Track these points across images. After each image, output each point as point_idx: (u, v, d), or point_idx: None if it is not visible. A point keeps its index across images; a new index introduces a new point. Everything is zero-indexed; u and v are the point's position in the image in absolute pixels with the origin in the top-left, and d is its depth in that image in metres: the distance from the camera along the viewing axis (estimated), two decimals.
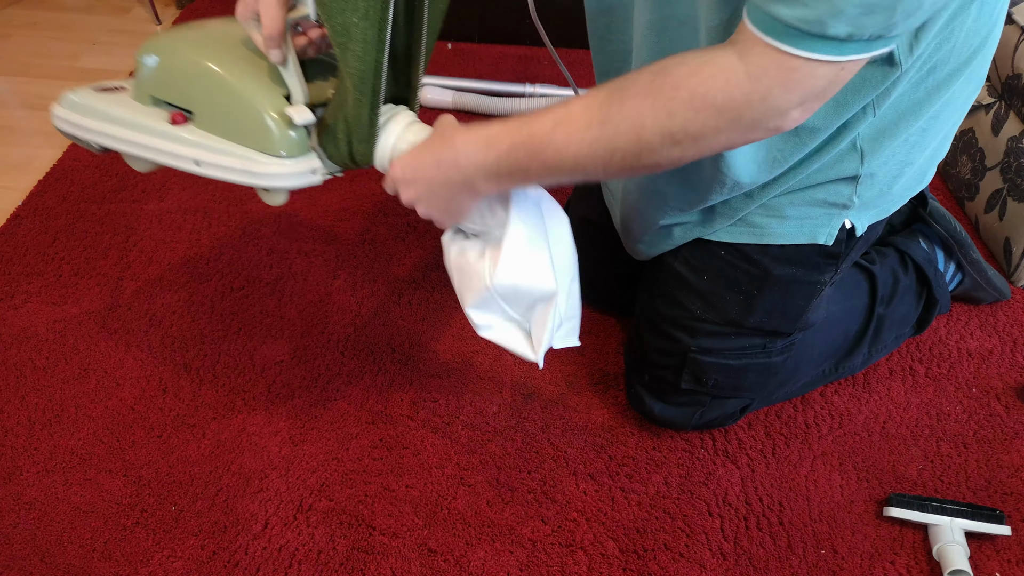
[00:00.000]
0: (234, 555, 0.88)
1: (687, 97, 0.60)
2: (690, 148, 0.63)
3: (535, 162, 0.67)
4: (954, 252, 1.08)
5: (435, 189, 0.73)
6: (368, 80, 0.73)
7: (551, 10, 1.69)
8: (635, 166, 0.65)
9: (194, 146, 0.80)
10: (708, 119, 0.60)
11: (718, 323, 0.88)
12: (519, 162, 0.68)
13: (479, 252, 0.79)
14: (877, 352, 1.05)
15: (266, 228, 1.29)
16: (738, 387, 0.93)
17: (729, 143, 0.64)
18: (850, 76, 0.59)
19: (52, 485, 0.94)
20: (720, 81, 0.59)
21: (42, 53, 1.75)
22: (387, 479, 0.96)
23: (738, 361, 0.90)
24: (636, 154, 0.64)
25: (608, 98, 0.64)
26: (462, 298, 0.82)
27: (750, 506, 0.93)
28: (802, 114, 0.61)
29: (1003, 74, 1.20)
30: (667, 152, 0.63)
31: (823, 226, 0.82)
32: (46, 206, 1.33)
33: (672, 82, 0.61)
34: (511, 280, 0.77)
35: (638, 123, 0.62)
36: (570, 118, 0.66)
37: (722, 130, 0.61)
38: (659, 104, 0.61)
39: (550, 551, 0.89)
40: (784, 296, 0.86)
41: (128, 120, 0.81)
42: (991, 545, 0.90)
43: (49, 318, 1.14)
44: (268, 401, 1.04)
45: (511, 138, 0.68)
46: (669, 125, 0.61)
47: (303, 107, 0.77)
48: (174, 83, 0.80)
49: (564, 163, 0.67)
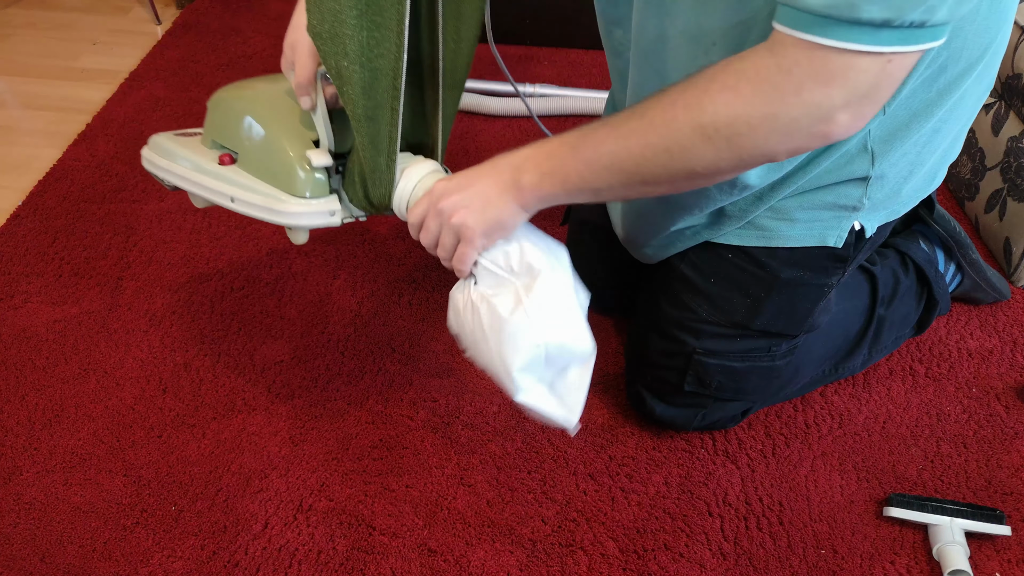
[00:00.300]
0: (234, 555, 0.88)
1: (717, 88, 0.58)
2: (724, 149, 0.60)
3: (576, 158, 0.67)
4: (954, 253, 1.08)
5: (483, 191, 0.72)
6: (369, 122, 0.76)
7: (551, 10, 1.70)
8: (669, 167, 0.63)
9: (232, 184, 0.85)
10: (738, 110, 0.58)
11: (724, 325, 0.88)
12: (563, 158, 0.68)
13: (515, 304, 0.74)
14: (877, 353, 1.05)
15: (266, 228, 1.29)
16: (740, 390, 0.93)
17: (769, 148, 0.60)
18: (901, 74, 0.55)
19: (52, 485, 0.94)
20: (749, 72, 0.57)
21: (42, 53, 1.75)
22: (387, 479, 0.96)
23: (742, 364, 0.90)
24: (667, 149, 0.62)
25: (650, 97, 0.64)
26: (502, 360, 0.75)
27: (750, 506, 0.93)
28: (852, 119, 0.57)
29: (1003, 74, 1.20)
30: (700, 151, 0.61)
31: (832, 228, 0.81)
32: (46, 206, 1.33)
33: (706, 75, 0.60)
34: (561, 339, 0.74)
35: (670, 114, 0.61)
36: (614, 117, 0.66)
37: (756, 127, 0.58)
38: (690, 95, 0.60)
39: (550, 551, 0.89)
40: (791, 299, 0.86)
41: (188, 160, 0.88)
42: (991, 545, 0.90)
43: (49, 318, 1.14)
44: (268, 401, 1.04)
45: (562, 137, 0.69)
46: (699, 116, 0.59)
47: (324, 152, 0.81)
48: (225, 127, 0.88)
49: (600, 158, 0.65)
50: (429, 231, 0.75)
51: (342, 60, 0.72)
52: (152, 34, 1.80)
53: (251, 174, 0.85)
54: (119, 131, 1.49)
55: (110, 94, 1.59)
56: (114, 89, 1.61)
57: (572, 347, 0.75)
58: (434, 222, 0.74)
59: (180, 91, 1.60)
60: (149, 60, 1.69)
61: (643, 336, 0.96)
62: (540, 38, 1.69)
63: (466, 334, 0.79)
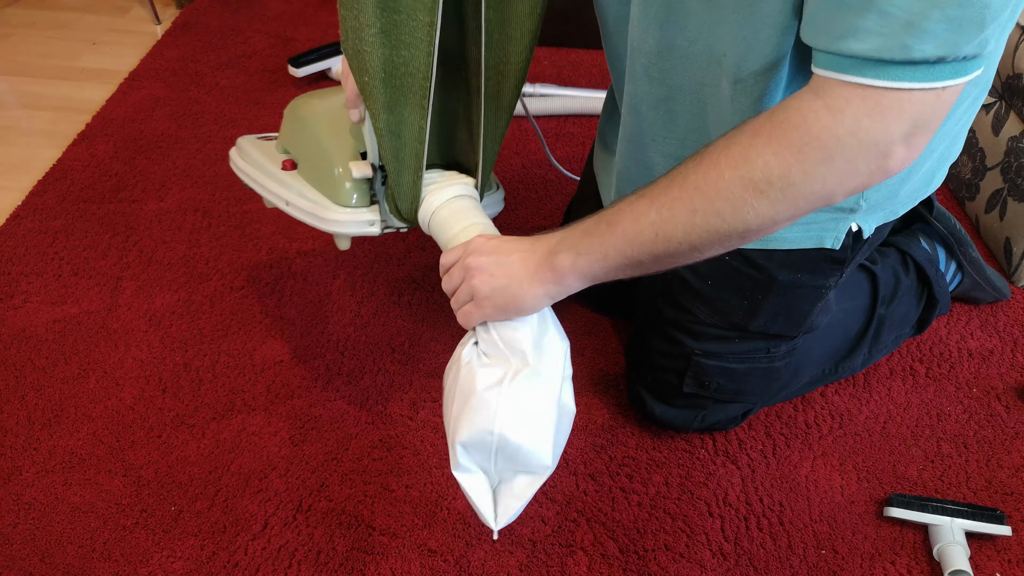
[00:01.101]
0: (234, 555, 0.88)
1: (763, 142, 0.56)
2: (780, 201, 0.57)
3: (616, 233, 0.65)
4: (955, 251, 1.08)
5: (513, 267, 0.70)
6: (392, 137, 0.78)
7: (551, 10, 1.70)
8: (721, 229, 0.60)
9: (289, 189, 0.90)
10: (790, 161, 0.55)
11: (722, 327, 0.88)
12: (601, 234, 0.66)
13: (495, 382, 0.71)
14: (877, 352, 1.05)
15: (266, 228, 1.29)
16: (740, 391, 0.93)
17: (827, 192, 0.57)
18: (953, 101, 0.54)
19: (52, 485, 0.94)
20: (795, 119, 0.55)
21: (41, 53, 1.75)
22: (387, 479, 0.96)
23: (741, 365, 0.90)
24: (718, 212, 0.59)
25: (690, 159, 0.61)
26: (454, 427, 0.72)
27: (750, 506, 0.93)
28: (908, 151, 0.55)
29: (1003, 74, 1.20)
30: (755, 208, 0.57)
31: (830, 231, 0.81)
32: (46, 206, 1.33)
33: (748, 130, 0.57)
34: (519, 439, 0.70)
35: (715, 174, 0.58)
36: (651, 188, 0.63)
37: (811, 174, 0.55)
38: (734, 153, 0.57)
39: (550, 551, 0.89)
40: (789, 301, 0.86)
41: (259, 163, 0.94)
42: (991, 545, 0.90)
43: (49, 318, 1.14)
44: (268, 401, 1.04)
45: (598, 215, 0.67)
46: (748, 172, 0.57)
47: (366, 163, 0.84)
48: (291, 134, 0.92)
49: (643, 230, 0.63)
50: (451, 279, 0.76)
51: (364, 76, 0.75)
52: (152, 34, 1.80)
53: (306, 180, 0.89)
54: (119, 131, 1.49)
55: (110, 94, 1.59)
56: (114, 89, 1.61)
57: (529, 454, 0.71)
58: (458, 273, 0.75)
59: (180, 91, 1.60)
60: (149, 60, 1.69)
61: (643, 337, 0.96)
62: (540, 38, 1.69)
63: (446, 384, 0.78)
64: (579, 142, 1.47)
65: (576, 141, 1.47)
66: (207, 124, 1.51)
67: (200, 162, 1.42)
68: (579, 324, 1.13)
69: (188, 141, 1.47)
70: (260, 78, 1.64)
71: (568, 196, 1.35)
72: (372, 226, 0.85)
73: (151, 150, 1.45)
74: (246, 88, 1.61)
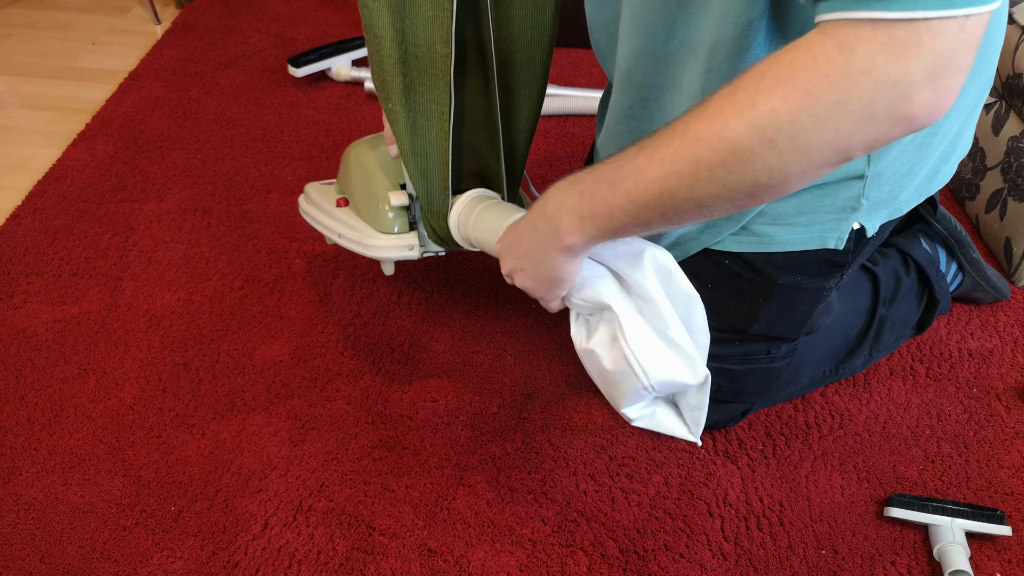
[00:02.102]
0: (234, 555, 0.88)
1: (769, 85, 0.50)
2: (790, 151, 0.51)
3: (617, 193, 0.60)
4: (955, 252, 1.08)
5: (528, 249, 0.69)
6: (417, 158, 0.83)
7: None
8: (727, 182, 0.55)
9: (340, 223, 0.98)
10: (799, 104, 0.50)
11: (722, 330, 0.87)
12: (602, 196, 0.61)
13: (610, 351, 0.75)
14: (878, 353, 1.04)
15: (266, 228, 1.29)
16: (740, 391, 0.93)
17: (842, 142, 0.51)
18: (979, 36, 0.48)
19: (52, 485, 0.94)
20: (804, 59, 0.49)
21: (41, 53, 1.75)
22: (387, 479, 0.96)
23: (741, 367, 0.90)
24: (724, 163, 0.54)
25: (691, 111, 0.56)
26: (613, 399, 0.83)
27: (750, 506, 0.93)
28: (935, 96, 0.48)
29: (1004, 74, 1.20)
30: (763, 158, 0.52)
31: (832, 230, 0.79)
32: (46, 206, 1.33)
33: (752, 74, 0.52)
34: (669, 375, 0.76)
35: (720, 123, 0.53)
36: (653, 140, 0.59)
37: (823, 120, 0.50)
38: (739, 98, 0.52)
39: (550, 551, 0.89)
40: (789, 304, 0.85)
41: (318, 203, 1.04)
42: (991, 545, 0.90)
43: (48, 318, 1.14)
44: (268, 401, 1.04)
45: (595, 172, 0.63)
46: (754, 119, 0.51)
47: (403, 193, 0.92)
48: (344, 177, 1.01)
49: (647, 187, 0.58)
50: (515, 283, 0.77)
51: (387, 103, 0.81)
52: (152, 34, 1.80)
53: (356, 214, 0.97)
54: (119, 131, 1.49)
55: (109, 94, 1.59)
56: (113, 89, 1.61)
57: (676, 381, 0.77)
58: (511, 280, 0.76)
59: (180, 91, 1.60)
60: (149, 60, 1.69)
61: None
62: None
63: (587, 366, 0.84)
64: (579, 142, 1.47)
65: (576, 141, 1.47)
66: (207, 124, 1.51)
67: (200, 162, 1.42)
68: None
69: (188, 141, 1.47)
70: (260, 78, 1.64)
71: None
72: (412, 250, 0.92)
73: (151, 150, 1.45)
74: (246, 88, 1.61)
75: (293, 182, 1.38)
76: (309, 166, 1.41)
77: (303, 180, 1.38)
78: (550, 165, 1.41)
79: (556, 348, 1.10)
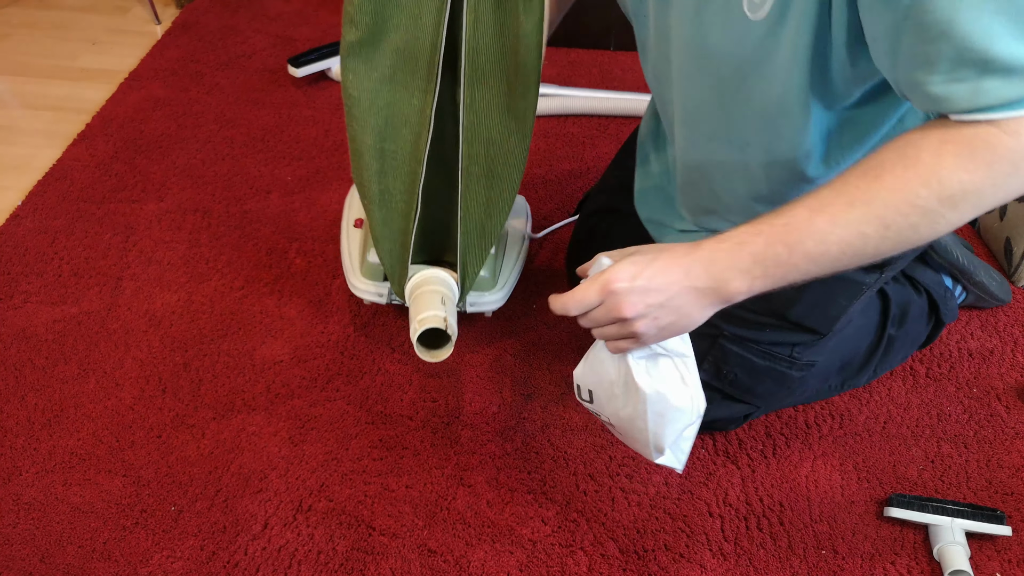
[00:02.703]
0: (234, 555, 0.88)
1: (952, 162, 0.60)
2: (969, 211, 0.62)
3: (796, 254, 0.65)
4: (959, 279, 1.09)
5: (678, 298, 0.69)
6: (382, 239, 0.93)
7: None
8: (912, 240, 0.65)
9: (349, 242, 1.12)
10: (982, 177, 0.60)
11: (759, 312, 0.88)
12: (778, 257, 0.66)
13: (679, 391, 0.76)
14: (882, 369, 1.05)
15: (266, 228, 1.29)
16: (751, 390, 0.93)
17: (1009, 197, 0.63)
18: None
19: (52, 485, 0.94)
20: (979, 141, 0.59)
21: (41, 53, 1.75)
22: (387, 479, 0.96)
23: (762, 361, 0.91)
24: (913, 226, 0.63)
25: (861, 177, 0.64)
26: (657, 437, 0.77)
27: (750, 506, 0.93)
28: None
29: None
30: (945, 217, 0.63)
31: None
32: (46, 206, 1.33)
33: (929, 152, 0.61)
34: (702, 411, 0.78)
35: (910, 194, 0.62)
36: (825, 203, 0.65)
37: (1000, 186, 0.61)
38: (924, 172, 0.61)
39: (550, 551, 0.89)
40: (830, 293, 0.87)
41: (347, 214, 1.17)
42: (991, 545, 0.90)
43: (49, 318, 1.14)
44: (268, 401, 1.04)
45: (765, 235, 0.66)
46: (942, 189, 0.61)
47: None
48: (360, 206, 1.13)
49: (828, 249, 0.65)
50: (596, 321, 0.72)
51: (364, 200, 0.91)
52: (152, 34, 1.80)
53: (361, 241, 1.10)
54: (119, 131, 1.49)
55: (110, 94, 1.59)
56: (114, 89, 1.61)
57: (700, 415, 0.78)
58: (607, 319, 0.71)
59: (180, 91, 1.60)
60: (149, 60, 1.69)
61: None
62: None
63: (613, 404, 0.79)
64: (579, 142, 1.47)
65: (576, 141, 1.47)
66: (207, 124, 1.51)
67: (200, 162, 1.42)
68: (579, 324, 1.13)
69: (188, 141, 1.47)
70: (260, 78, 1.64)
71: (566, 196, 1.35)
72: (380, 297, 1.05)
73: (151, 150, 1.45)
74: (246, 88, 1.61)
75: (293, 182, 1.38)
76: (309, 166, 1.41)
77: (303, 180, 1.38)
78: (550, 165, 1.41)
79: (556, 348, 1.10)
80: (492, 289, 1.07)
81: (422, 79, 0.79)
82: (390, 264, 0.97)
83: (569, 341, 1.11)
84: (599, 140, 1.47)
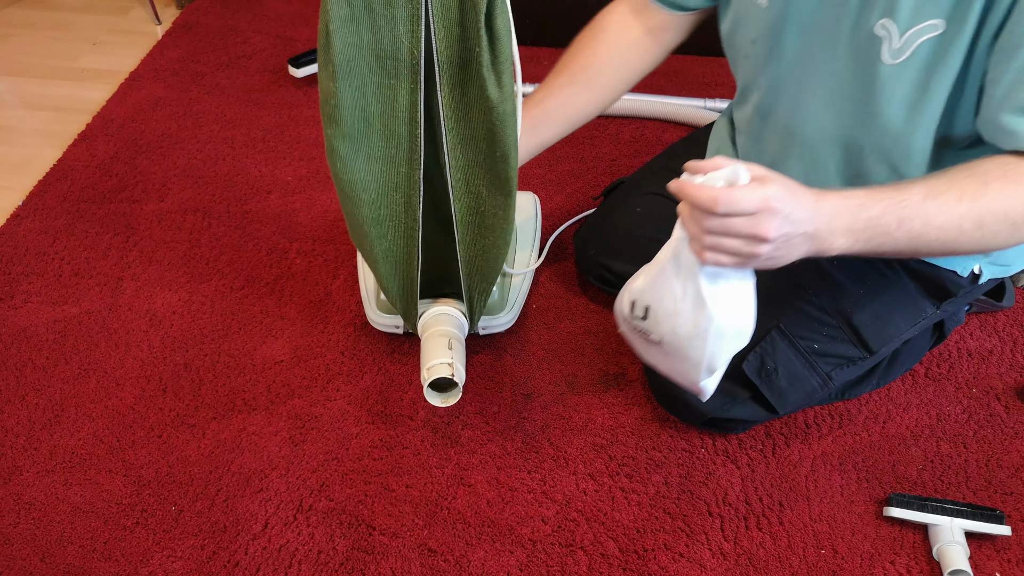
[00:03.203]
0: (234, 555, 0.88)
1: None
2: None
3: (901, 229, 0.70)
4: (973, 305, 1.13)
5: (799, 237, 0.69)
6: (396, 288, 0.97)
7: (551, 10, 1.70)
8: (991, 244, 0.72)
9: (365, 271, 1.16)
10: None
11: (822, 309, 0.90)
12: (886, 227, 0.70)
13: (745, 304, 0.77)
14: (884, 382, 1.05)
15: (266, 228, 1.29)
16: (782, 395, 0.92)
17: None
18: None
19: (52, 485, 0.94)
20: None
21: (42, 53, 1.75)
22: (387, 479, 0.96)
23: (803, 369, 0.91)
24: (997, 233, 0.71)
25: (969, 179, 0.71)
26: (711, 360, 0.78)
27: (750, 506, 0.93)
28: None
29: None
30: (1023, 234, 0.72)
31: (970, 260, 0.89)
32: (46, 206, 1.33)
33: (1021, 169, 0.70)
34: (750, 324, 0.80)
35: (1006, 203, 0.70)
36: (938, 191, 0.71)
37: None
38: (1022, 188, 0.70)
39: (550, 551, 0.89)
40: (894, 309, 0.91)
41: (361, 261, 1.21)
42: (991, 545, 0.90)
43: (49, 318, 1.14)
44: (268, 401, 1.04)
45: (884, 203, 0.70)
46: None
47: None
48: None
49: (928, 232, 0.71)
50: (729, 227, 0.68)
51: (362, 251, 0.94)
52: (152, 34, 1.80)
53: None
54: (119, 131, 1.49)
55: (110, 94, 1.59)
56: (114, 89, 1.61)
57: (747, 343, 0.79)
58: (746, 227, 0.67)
59: (180, 91, 1.60)
60: (149, 60, 1.69)
61: None
62: (540, 38, 1.69)
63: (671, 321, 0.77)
64: (579, 142, 1.47)
65: (576, 141, 1.47)
66: (207, 124, 1.51)
67: (200, 162, 1.42)
68: (578, 324, 1.13)
69: (188, 141, 1.47)
70: (260, 78, 1.64)
71: (566, 196, 1.35)
72: (397, 329, 1.10)
73: (151, 150, 1.45)
74: (246, 88, 1.61)
75: (293, 182, 1.38)
76: (309, 166, 1.41)
77: (303, 180, 1.38)
78: (550, 165, 1.41)
79: (556, 348, 1.11)
80: (502, 312, 1.10)
81: (406, 151, 0.83)
82: (402, 308, 1.01)
83: (569, 341, 1.11)
84: (599, 140, 1.47)
